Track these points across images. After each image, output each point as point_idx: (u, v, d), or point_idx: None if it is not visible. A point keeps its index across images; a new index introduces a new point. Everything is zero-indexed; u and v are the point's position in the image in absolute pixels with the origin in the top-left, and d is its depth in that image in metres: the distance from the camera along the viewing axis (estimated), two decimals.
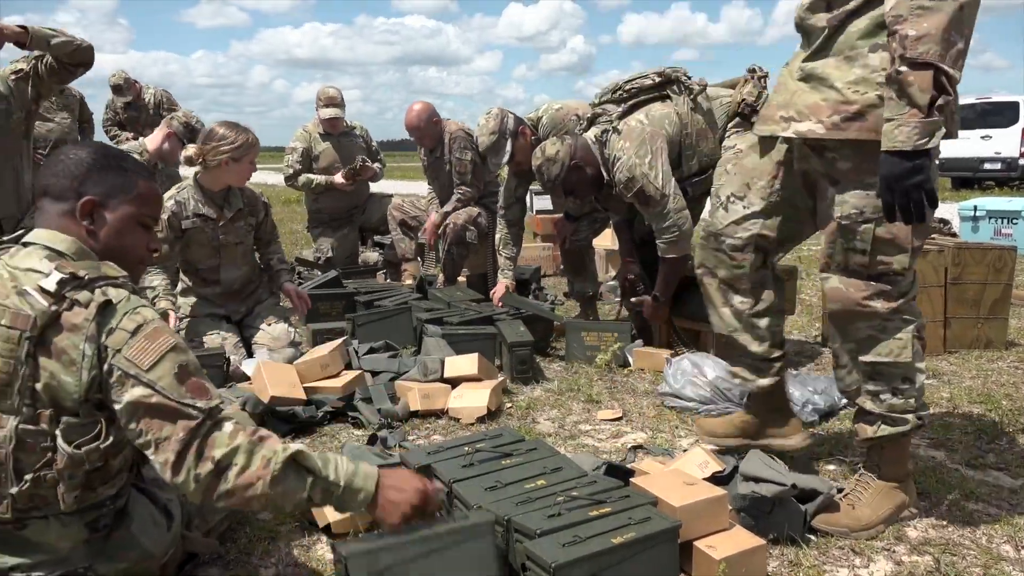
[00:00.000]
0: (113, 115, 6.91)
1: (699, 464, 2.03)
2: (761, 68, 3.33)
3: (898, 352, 1.89)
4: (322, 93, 5.27)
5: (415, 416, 2.81)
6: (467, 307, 3.78)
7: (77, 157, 1.53)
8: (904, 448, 2.01)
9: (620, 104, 3.37)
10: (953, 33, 1.62)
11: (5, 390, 1.38)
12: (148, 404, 1.39)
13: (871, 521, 1.95)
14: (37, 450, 1.40)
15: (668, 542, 1.59)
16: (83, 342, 1.38)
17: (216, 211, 3.33)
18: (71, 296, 1.40)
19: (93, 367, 1.39)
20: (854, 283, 1.89)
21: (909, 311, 1.90)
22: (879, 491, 1.99)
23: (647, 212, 3.26)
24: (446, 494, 1.77)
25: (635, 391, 3.13)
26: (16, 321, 1.38)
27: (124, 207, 1.55)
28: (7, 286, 1.41)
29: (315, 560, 1.84)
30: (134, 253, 1.58)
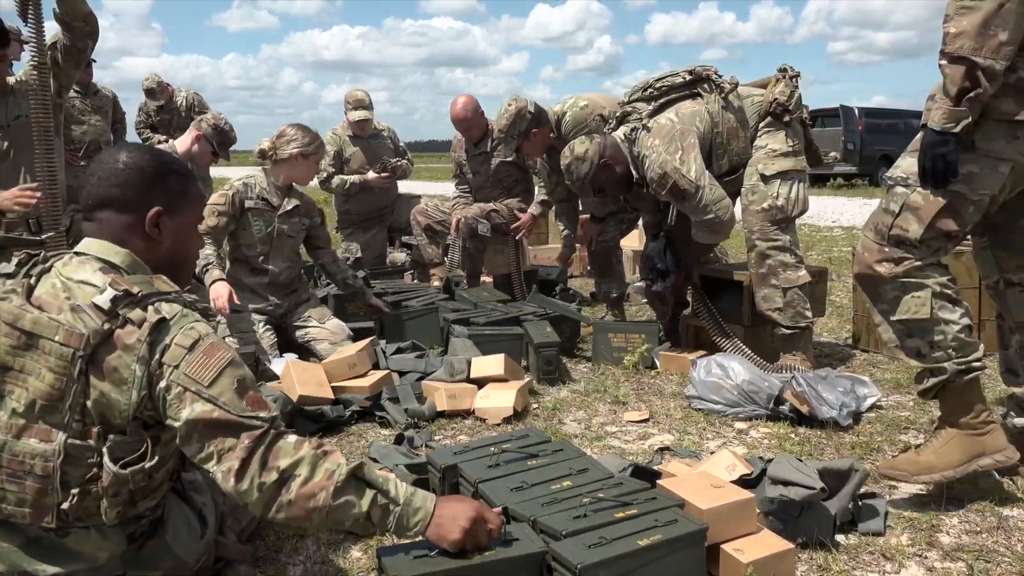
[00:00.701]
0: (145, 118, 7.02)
1: (726, 467, 2.01)
2: (792, 68, 3.29)
3: (916, 308, 2.03)
4: (350, 96, 5.31)
5: (441, 416, 2.82)
6: (494, 308, 3.79)
7: (137, 165, 1.51)
8: (963, 395, 2.07)
9: (650, 102, 3.35)
10: (993, 27, 1.83)
11: (57, 405, 1.38)
12: (210, 419, 1.39)
13: (934, 466, 2.04)
14: (84, 465, 1.41)
15: (695, 545, 1.58)
16: (135, 362, 1.39)
17: (278, 200, 3.54)
18: (124, 314, 1.40)
19: (143, 387, 1.39)
20: (870, 246, 2.08)
21: (920, 275, 2.03)
22: (948, 439, 2.07)
23: (684, 207, 3.23)
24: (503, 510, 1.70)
25: (662, 393, 3.12)
26: (70, 339, 1.37)
27: (187, 214, 1.56)
28: (60, 297, 1.41)
29: (343, 558, 1.85)
30: (192, 257, 1.61)
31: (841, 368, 3.45)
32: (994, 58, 1.84)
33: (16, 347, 1.39)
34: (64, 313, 1.39)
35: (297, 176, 3.56)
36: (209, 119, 4.05)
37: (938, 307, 2.02)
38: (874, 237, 2.08)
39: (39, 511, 1.40)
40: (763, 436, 2.64)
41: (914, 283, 2.03)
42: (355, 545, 1.91)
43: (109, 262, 1.46)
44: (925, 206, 1.99)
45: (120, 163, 1.50)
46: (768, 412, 2.74)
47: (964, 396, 2.07)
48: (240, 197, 3.47)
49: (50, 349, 1.38)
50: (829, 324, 4.27)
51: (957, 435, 2.07)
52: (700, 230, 3.26)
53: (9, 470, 1.39)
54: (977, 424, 2.06)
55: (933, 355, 2.05)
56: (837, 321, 4.34)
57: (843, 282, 5.37)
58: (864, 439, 2.56)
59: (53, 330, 1.38)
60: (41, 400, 1.38)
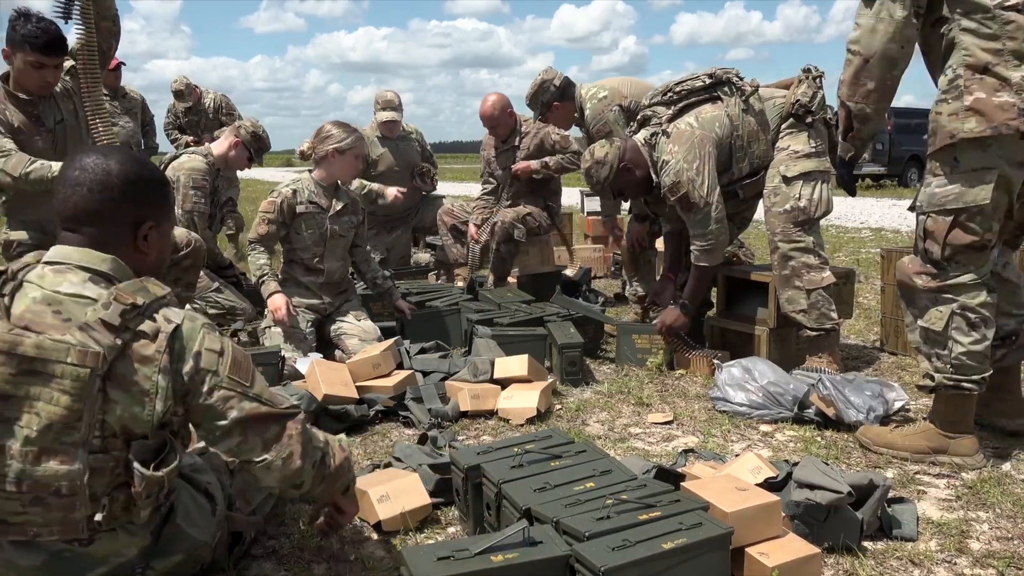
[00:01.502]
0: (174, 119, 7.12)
1: (751, 469, 2.00)
2: (816, 68, 3.26)
3: (935, 321, 2.28)
4: (380, 97, 5.33)
5: (465, 416, 2.82)
6: (517, 308, 3.79)
7: (128, 178, 1.48)
8: (949, 404, 2.32)
9: (670, 106, 3.34)
10: (863, 78, 2.29)
11: (75, 425, 1.36)
12: (258, 415, 1.49)
13: (894, 444, 2.40)
14: (109, 474, 1.43)
15: (720, 548, 1.57)
16: (156, 374, 1.40)
17: (327, 202, 3.57)
18: (135, 327, 1.39)
19: (169, 397, 1.41)
20: (912, 260, 2.33)
21: (952, 292, 2.25)
22: (922, 430, 2.40)
23: (687, 217, 3.25)
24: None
25: (686, 394, 3.10)
26: (85, 359, 1.35)
27: (168, 222, 1.59)
28: (47, 313, 1.37)
29: (366, 557, 1.86)
30: (166, 257, 1.64)
31: (868, 371, 3.41)
32: (864, 103, 2.32)
33: (17, 375, 1.34)
34: (70, 333, 1.36)
35: (337, 173, 3.57)
36: (248, 126, 4.09)
37: (953, 326, 2.26)
38: (914, 255, 2.35)
39: (69, 527, 1.40)
40: (789, 439, 2.62)
41: (944, 298, 2.26)
42: (378, 544, 1.92)
43: (96, 271, 1.44)
44: (936, 229, 2.23)
45: (113, 175, 1.47)
46: (793, 415, 2.72)
47: (952, 406, 2.32)
48: (289, 203, 3.50)
49: (63, 372, 1.34)
50: (857, 326, 4.22)
51: (930, 429, 2.36)
52: (695, 248, 3.27)
53: (31, 495, 1.36)
54: (952, 431, 2.32)
55: (935, 364, 2.31)
56: (865, 323, 4.29)
57: (871, 284, 5.31)
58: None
59: (64, 352, 1.34)
60: (58, 423, 1.35)
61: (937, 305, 2.28)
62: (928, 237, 2.26)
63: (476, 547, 1.49)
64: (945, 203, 2.21)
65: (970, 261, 2.24)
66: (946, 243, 2.22)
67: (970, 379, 2.28)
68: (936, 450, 2.34)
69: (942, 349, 2.29)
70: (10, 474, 1.35)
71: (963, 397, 2.31)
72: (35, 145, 3.16)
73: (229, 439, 1.48)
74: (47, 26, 3.01)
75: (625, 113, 4.14)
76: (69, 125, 3.28)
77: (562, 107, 4.36)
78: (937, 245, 2.24)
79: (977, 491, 2.18)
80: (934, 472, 2.31)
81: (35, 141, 3.16)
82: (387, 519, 1.95)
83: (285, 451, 1.51)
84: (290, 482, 1.55)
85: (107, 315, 1.38)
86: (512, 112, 4.68)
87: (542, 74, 4.38)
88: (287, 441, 1.52)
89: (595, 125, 4.20)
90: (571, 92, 4.34)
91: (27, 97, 3.13)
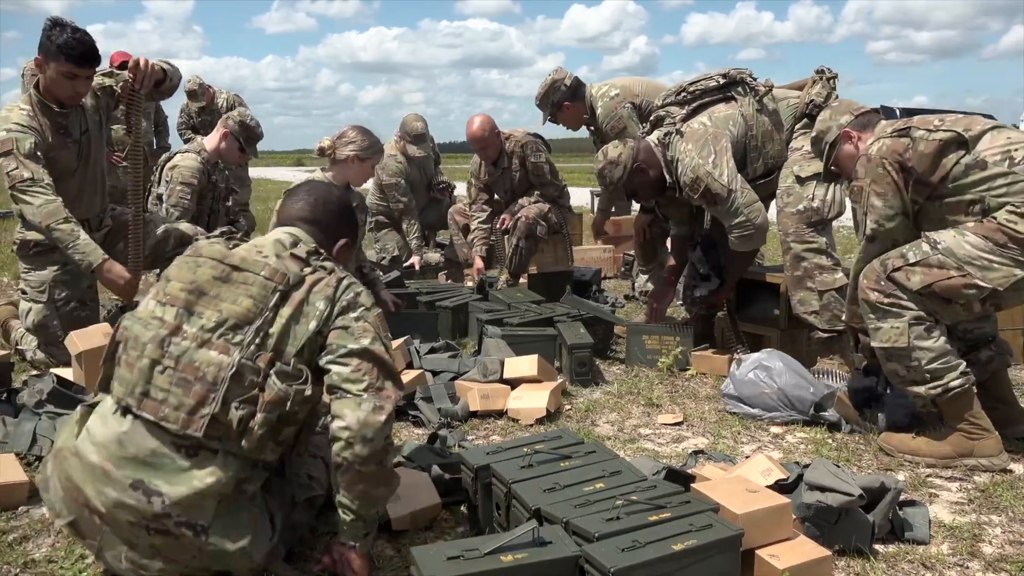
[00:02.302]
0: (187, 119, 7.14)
1: (762, 471, 1.99)
2: (830, 69, 3.25)
3: (894, 338, 2.32)
4: (411, 128, 5.30)
5: (474, 416, 2.83)
6: (527, 308, 3.79)
7: (341, 205, 1.91)
8: (953, 407, 2.34)
9: (683, 106, 3.33)
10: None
11: (244, 327, 1.63)
12: (381, 358, 1.68)
13: (920, 451, 2.39)
14: (246, 385, 1.60)
15: (730, 550, 1.57)
16: (320, 300, 1.68)
17: None
18: (316, 264, 1.73)
19: (323, 320, 1.67)
20: (870, 275, 2.37)
21: (902, 306, 2.31)
22: (944, 434, 2.38)
23: (716, 211, 3.21)
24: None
25: (696, 395, 3.09)
26: (274, 276, 1.67)
27: (356, 240, 1.99)
28: (252, 251, 1.73)
29: (376, 556, 1.86)
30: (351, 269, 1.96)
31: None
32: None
33: (218, 277, 1.68)
34: (270, 258, 1.71)
35: (352, 177, 3.58)
36: (235, 116, 4.12)
37: (914, 336, 2.30)
38: (878, 267, 2.37)
39: (192, 417, 1.57)
40: (800, 441, 2.61)
41: (894, 311, 2.32)
42: (388, 544, 1.92)
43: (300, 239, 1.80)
44: (937, 270, 2.27)
45: (333, 199, 1.91)
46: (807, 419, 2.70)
47: (955, 407, 2.34)
48: None
49: (253, 281, 1.67)
50: None
51: (953, 434, 2.35)
52: (734, 236, 3.23)
53: (182, 376, 1.60)
54: (970, 430, 2.33)
55: (910, 377, 2.34)
56: None
57: None
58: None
59: (260, 267, 1.69)
60: (232, 320, 1.63)
61: (888, 320, 2.32)
62: (920, 266, 2.29)
63: (486, 547, 1.49)
64: (968, 263, 2.24)
65: (930, 311, 2.30)
66: (932, 286, 2.27)
67: (952, 377, 2.30)
68: (961, 454, 2.34)
69: (912, 362, 2.31)
70: (176, 351, 1.62)
71: (959, 395, 2.32)
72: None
73: (347, 362, 1.65)
74: (82, 36, 3.01)
75: (637, 112, 4.15)
76: (93, 135, 3.31)
77: (572, 107, 4.37)
78: (921, 281, 2.28)
79: (989, 494, 2.16)
80: (946, 475, 2.30)
81: (63, 153, 3.18)
82: (396, 519, 1.95)
83: (379, 403, 1.63)
84: (362, 433, 1.60)
85: (297, 251, 1.74)
86: (499, 132, 4.71)
87: (552, 74, 4.40)
88: (385, 397, 1.65)
89: (608, 123, 4.21)
90: (581, 92, 4.36)
91: (57, 108, 3.14)
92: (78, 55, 3.00)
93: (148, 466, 1.58)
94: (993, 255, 2.22)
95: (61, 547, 1.90)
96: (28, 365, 3.26)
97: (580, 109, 4.39)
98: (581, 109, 4.38)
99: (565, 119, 4.46)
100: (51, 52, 3.01)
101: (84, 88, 3.14)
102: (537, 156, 4.68)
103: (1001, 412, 2.48)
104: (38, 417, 2.49)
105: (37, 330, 3.20)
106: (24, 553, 1.87)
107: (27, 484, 2.13)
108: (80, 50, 3.00)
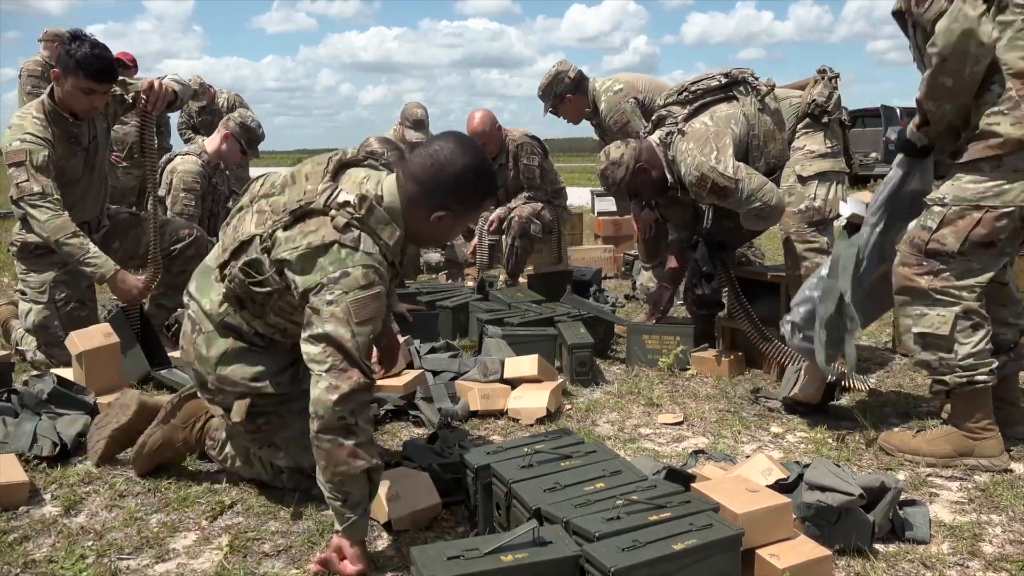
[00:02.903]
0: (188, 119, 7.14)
1: (762, 471, 1.99)
2: (832, 69, 3.25)
3: (938, 325, 2.28)
4: (410, 114, 5.32)
5: (475, 416, 2.82)
6: (527, 308, 3.79)
7: (459, 172, 1.85)
8: (968, 402, 2.33)
9: (685, 106, 3.33)
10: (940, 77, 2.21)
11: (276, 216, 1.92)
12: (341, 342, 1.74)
13: (920, 450, 2.39)
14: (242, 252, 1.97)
15: (730, 550, 1.57)
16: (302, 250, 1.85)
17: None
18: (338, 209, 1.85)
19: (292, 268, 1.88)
20: (910, 259, 2.32)
21: (955, 294, 2.27)
22: (946, 433, 2.38)
23: (729, 204, 3.15)
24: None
25: (696, 395, 3.09)
26: (303, 196, 1.91)
27: (465, 217, 1.96)
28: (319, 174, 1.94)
29: (376, 556, 1.86)
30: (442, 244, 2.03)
31: (880, 372, 3.39)
32: (941, 100, 2.26)
33: (266, 195, 1.97)
34: (310, 187, 1.90)
35: None
36: (236, 118, 4.12)
37: (959, 329, 2.27)
38: (911, 251, 2.33)
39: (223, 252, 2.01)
40: (800, 440, 2.61)
41: (946, 300, 2.28)
42: (388, 543, 1.93)
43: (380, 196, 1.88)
44: (963, 222, 2.23)
45: (453, 164, 1.86)
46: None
47: (968, 403, 2.33)
48: None
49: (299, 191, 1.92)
50: (868, 328, 4.19)
51: (954, 432, 2.36)
52: (749, 219, 3.20)
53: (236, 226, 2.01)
54: (975, 429, 2.33)
55: (940, 370, 2.31)
56: (877, 325, 4.25)
57: None
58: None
59: (299, 192, 1.90)
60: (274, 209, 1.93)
61: (936, 308, 2.29)
62: (944, 227, 2.25)
63: (486, 547, 1.49)
64: (980, 199, 2.22)
65: (982, 261, 2.26)
66: (968, 238, 2.23)
67: (981, 372, 2.29)
68: (962, 453, 2.33)
69: (947, 353, 2.29)
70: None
71: (979, 391, 2.31)
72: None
73: (315, 344, 1.75)
74: (101, 52, 3.02)
75: (640, 108, 4.14)
76: (100, 142, 3.32)
77: (574, 100, 4.34)
78: (955, 237, 2.24)
79: (990, 494, 2.16)
80: (946, 474, 2.30)
81: (72, 162, 3.19)
82: (397, 518, 1.95)
83: (335, 382, 1.71)
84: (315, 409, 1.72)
85: (341, 196, 1.85)
86: (500, 128, 4.70)
87: (556, 65, 4.37)
88: (345, 378, 1.72)
89: (612, 117, 4.19)
90: (584, 86, 4.33)
91: (71, 119, 3.15)
92: (96, 71, 3.02)
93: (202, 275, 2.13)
94: (996, 177, 2.20)
95: (61, 547, 1.90)
96: (28, 365, 3.26)
97: (582, 103, 4.36)
98: (583, 103, 4.35)
99: (566, 112, 4.43)
100: (69, 66, 3.02)
101: (100, 103, 3.16)
102: (530, 159, 4.67)
103: (1004, 412, 2.48)
104: (38, 417, 2.49)
105: (37, 331, 3.21)
106: (24, 553, 1.87)
107: (27, 484, 2.14)
108: (99, 66, 3.02)
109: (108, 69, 3.05)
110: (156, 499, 2.15)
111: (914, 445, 2.41)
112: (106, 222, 3.43)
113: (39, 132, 3.06)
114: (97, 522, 2.03)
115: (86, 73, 3.00)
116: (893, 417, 2.79)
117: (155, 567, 1.83)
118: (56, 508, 2.10)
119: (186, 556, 1.87)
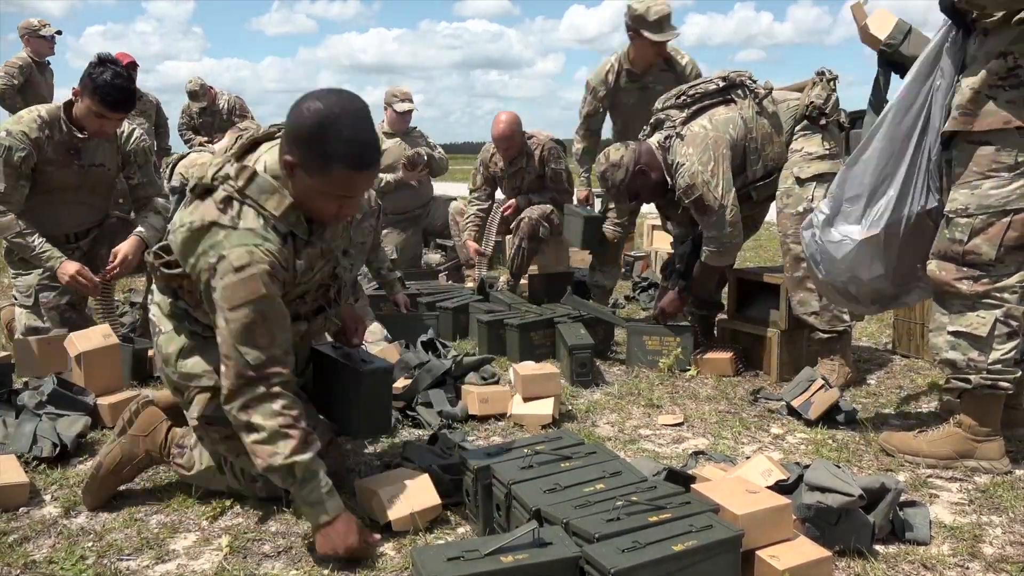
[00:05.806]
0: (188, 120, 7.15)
1: (762, 472, 1.99)
2: (830, 71, 3.25)
3: (977, 325, 2.26)
4: (396, 90, 5.38)
5: (474, 417, 2.82)
6: (528, 309, 3.79)
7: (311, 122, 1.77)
8: (979, 406, 2.31)
9: (683, 109, 3.33)
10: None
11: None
12: (225, 337, 1.78)
13: (920, 451, 2.38)
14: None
15: (730, 551, 1.57)
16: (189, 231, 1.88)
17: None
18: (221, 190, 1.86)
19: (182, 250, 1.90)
20: (947, 267, 2.29)
21: (997, 297, 2.24)
22: (947, 434, 2.36)
23: (702, 220, 3.24)
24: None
25: (696, 396, 3.09)
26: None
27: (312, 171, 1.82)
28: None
29: (376, 557, 1.86)
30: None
31: (880, 373, 3.39)
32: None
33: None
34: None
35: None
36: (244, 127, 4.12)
37: (997, 333, 2.24)
38: (946, 263, 2.30)
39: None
40: (800, 441, 2.61)
41: (989, 303, 2.25)
42: (389, 544, 1.92)
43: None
44: (994, 231, 2.22)
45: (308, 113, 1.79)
46: None
47: (979, 407, 2.32)
48: None
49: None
50: (868, 329, 4.20)
51: (955, 434, 2.35)
52: (709, 249, 3.25)
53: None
54: (977, 431, 2.32)
55: (966, 369, 2.28)
56: (877, 326, 4.27)
57: None
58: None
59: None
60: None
61: (978, 310, 2.26)
62: (976, 237, 2.23)
63: (486, 548, 1.49)
64: (1006, 204, 2.20)
65: (1019, 263, 2.24)
66: (1002, 243, 2.21)
67: (1006, 379, 2.28)
68: (963, 455, 2.33)
69: (979, 354, 2.27)
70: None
71: (995, 397, 2.31)
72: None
73: (219, 333, 1.79)
74: (122, 84, 3.06)
75: None
76: (105, 171, 3.33)
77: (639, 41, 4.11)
78: (989, 245, 2.22)
79: (990, 495, 2.16)
80: (947, 476, 2.30)
81: (65, 172, 3.21)
82: (397, 519, 1.95)
83: (223, 381, 1.78)
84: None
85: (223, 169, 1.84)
86: (523, 130, 4.72)
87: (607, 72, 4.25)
88: (225, 376, 1.78)
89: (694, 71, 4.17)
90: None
91: (79, 134, 3.17)
92: (112, 101, 3.06)
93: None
94: (1017, 179, 2.18)
95: (61, 548, 1.90)
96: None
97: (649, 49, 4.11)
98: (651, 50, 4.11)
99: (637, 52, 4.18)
100: (88, 88, 3.06)
101: (111, 128, 3.20)
102: (558, 163, 4.75)
103: (1007, 415, 2.47)
104: (38, 418, 2.49)
105: (28, 334, 3.21)
106: (24, 554, 1.88)
107: (27, 485, 2.14)
108: (115, 96, 3.06)
109: (124, 100, 3.10)
110: (156, 500, 2.15)
111: (915, 446, 2.41)
112: (95, 231, 3.45)
113: (31, 132, 3.09)
114: (97, 523, 2.03)
115: (102, 100, 3.05)
116: (893, 418, 2.80)
117: (155, 568, 1.83)
118: (56, 509, 2.10)
119: (186, 557, 1.87)
